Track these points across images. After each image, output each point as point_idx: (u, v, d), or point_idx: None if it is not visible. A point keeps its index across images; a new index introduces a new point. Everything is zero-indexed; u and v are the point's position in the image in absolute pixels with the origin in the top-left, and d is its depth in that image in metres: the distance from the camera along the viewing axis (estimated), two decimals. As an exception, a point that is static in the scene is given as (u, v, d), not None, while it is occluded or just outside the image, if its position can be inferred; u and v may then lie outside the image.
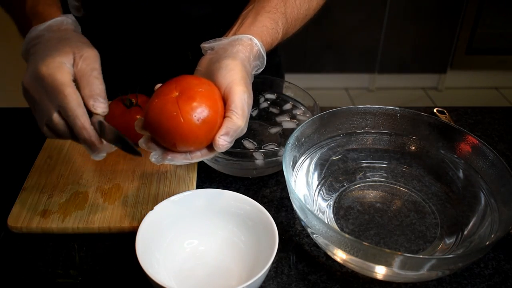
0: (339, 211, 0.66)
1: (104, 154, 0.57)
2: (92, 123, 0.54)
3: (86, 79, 0.54)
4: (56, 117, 0.54)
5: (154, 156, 0.55)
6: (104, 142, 0.55)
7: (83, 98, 0.54)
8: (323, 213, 0.65)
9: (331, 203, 0.67)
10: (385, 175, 0.71)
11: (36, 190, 0.68)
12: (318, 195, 0.67)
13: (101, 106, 0.55)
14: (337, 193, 0.68)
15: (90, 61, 0.56)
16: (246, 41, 0.60)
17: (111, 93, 0.73)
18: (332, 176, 0.70)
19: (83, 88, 0.54)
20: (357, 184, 0.70)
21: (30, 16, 0.62)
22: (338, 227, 0.64)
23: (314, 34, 2.36)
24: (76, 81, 0.55)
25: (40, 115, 0.55)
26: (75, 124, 0.53)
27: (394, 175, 0.71)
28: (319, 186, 0.68)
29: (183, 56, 0.86)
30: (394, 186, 0.70)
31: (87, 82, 0.54)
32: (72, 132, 0.55)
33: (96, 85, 0.55)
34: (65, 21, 0.61)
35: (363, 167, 0.72)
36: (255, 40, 0.60)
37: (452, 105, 0.92)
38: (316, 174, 0.69)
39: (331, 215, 0.65)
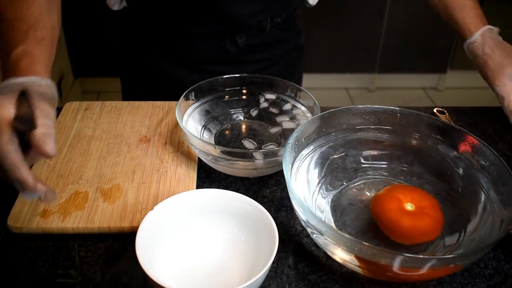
0: (339, 210, 0.66)
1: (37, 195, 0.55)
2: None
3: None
4: None
5: None
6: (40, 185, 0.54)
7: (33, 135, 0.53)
8: (322, 212, 0.65)
9: (331, 202, 0.67)
10: (385, 174, 0.71)
11: (36, 190, 0.68)
12: (318, 194, 0.67)
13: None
14: (337, 193, 0.68)
15: (47, 112, 0.56)
16: None
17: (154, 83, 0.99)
18: (332, 175, 0.70)
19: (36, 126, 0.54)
20: (357, 183, 0.70)
21: (12, 63, 0.59)
22: (338, 226, 0.64)
23: (314, 34, 2.36)
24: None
25: None
26: (6, 164, 0.51)
27: (394, 175, 0.71)
28: (319, 186, 0.68)
29: (224, 44, 0.91)
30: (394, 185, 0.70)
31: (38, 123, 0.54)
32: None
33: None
34: (38, 82, 0.58)
35: (363, 167, 0.72)
36: None
37: (452, 105, 0.92)
38: (316, 174, 0.69)
39: (331, 214, 0.65)
